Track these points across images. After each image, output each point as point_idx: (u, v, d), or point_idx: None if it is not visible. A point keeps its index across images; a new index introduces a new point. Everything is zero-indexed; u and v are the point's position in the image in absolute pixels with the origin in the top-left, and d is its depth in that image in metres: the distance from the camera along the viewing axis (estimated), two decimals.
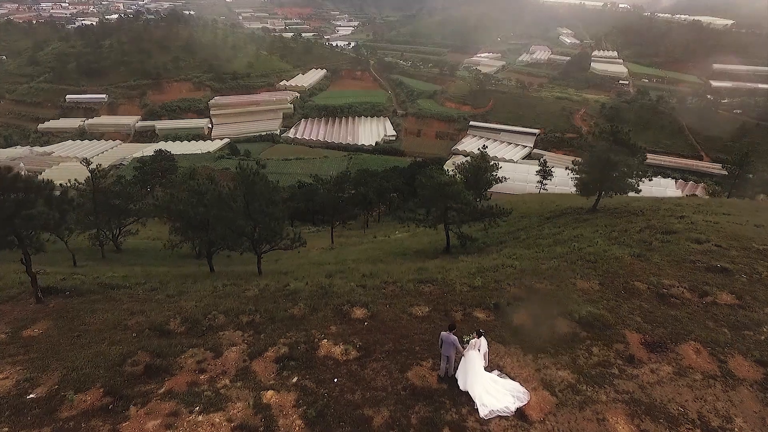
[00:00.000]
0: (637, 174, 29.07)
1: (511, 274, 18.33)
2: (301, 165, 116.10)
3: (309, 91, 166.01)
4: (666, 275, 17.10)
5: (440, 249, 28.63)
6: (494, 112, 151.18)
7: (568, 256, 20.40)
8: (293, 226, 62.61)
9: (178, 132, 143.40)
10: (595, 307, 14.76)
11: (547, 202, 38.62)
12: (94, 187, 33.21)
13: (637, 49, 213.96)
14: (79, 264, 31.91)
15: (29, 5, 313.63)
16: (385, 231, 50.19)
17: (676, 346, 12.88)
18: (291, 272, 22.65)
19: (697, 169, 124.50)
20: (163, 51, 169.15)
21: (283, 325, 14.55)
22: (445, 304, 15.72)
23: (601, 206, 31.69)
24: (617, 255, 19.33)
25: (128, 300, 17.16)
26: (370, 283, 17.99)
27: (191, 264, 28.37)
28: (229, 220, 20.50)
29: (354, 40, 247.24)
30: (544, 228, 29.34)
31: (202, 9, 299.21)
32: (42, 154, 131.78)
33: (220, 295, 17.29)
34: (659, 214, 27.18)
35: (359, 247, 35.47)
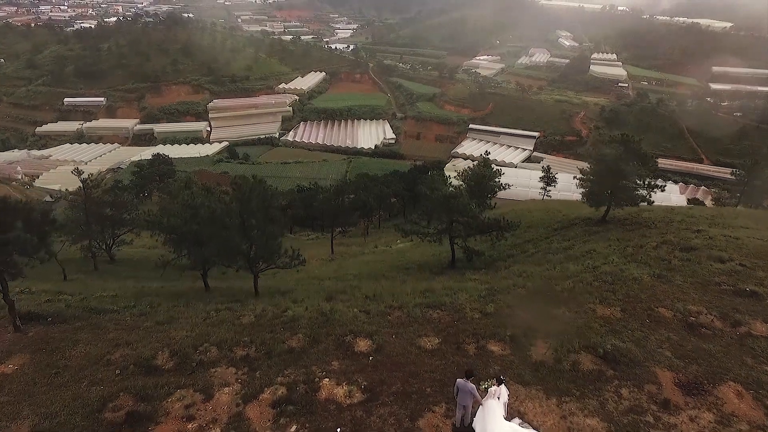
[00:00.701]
0: (649, 185, 27.85)
1: (525, 298, 17.09)
2: (300, 168, 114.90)
3: (308, 94, 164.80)
4: (691, 300, 15.86)
5: (445, 263, 27.38)
6: (494, 115, 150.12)
7: (582, 275, 19.13)
8: (292, 233, 61.41)
9: (177, 135, 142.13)
10: (620, 338, 13.51)
11: (553, 211, 37.38)
12: (86, 197, 31.87)
13: (636, 52, 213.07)
14: (70, 277, 30.64)
15: (28, 8, 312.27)
16: (386, 239, 48.91)
17: (714, 387, 11.62)
18: (289, 292, 21.37)
19: (698, 172, 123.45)
20: (161, 54, 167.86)
21: (280, 360, 13.27)
22: (456, 334, 14.45)
23: (610, 217, 30.47)
24: (636, 275, 18.08)
25: (114, 328, 15.86)
26: (373, 307, 16.72)
27: (186, 277, 27.02)
28: (224, 238, 19.23)
29: (353, 42, 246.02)
30: (552, 241, 28.10)
31: (201, 12, 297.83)
32: (39, 158, 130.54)
33: (213, 322, 16.00)
34: (673, 227, 25.96)
35: (360, 258, 34.19)
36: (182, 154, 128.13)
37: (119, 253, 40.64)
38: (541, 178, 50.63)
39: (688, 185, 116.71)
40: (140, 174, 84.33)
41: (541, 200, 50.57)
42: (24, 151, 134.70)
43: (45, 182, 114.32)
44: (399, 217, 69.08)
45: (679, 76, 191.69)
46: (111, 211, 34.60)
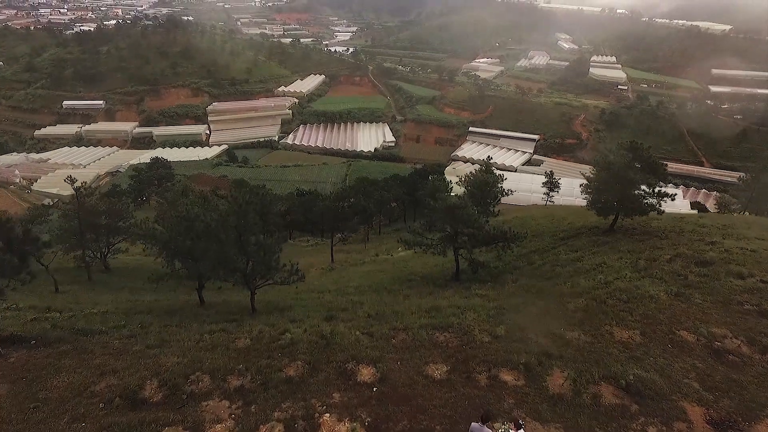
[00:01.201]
0: (658, 194, 26.87)
1: (536, 318, 16.10)
2: (300, 172, 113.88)
3: (308, 97, 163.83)
4: (714, 322, 14.89)
5: (448, 274, 26.38)
6: (493, 118, 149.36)
7: (595, 292, 18.16)
8: (291, 239, 60.37)
9: (176, 138, 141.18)
10: (642, 367, 12.53)
11: (557, 218, 36.40)
12: (80, 206, 30.85)
13: (635, 55, 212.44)
14: (62, 289, 29.60)
15: (28, 11, 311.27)
16: (387, 245, 47.88)
17: (750, 426, 10.65)
18: (287, 309, 20.37)
19: (699, 175, 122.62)
20: (161, 57, 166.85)
21: (278, 391, 12.26)
22: (465, 361, 13.46)
23: (618, 226, 29.49)
24: (652, 293, 17.11)
25: (101, 352, 14.84)
26: (376, 329, 15.73)
27: (181, 288, 26.01)
28: (220, 253, 18.23)
29: (352, 45, 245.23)
30: (560, 252, 27.10)
31: (201, 15, 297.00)
32: (38, 161, 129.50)
33: (206, 346, 14.98)
34: (685, 239, 24.99)
35: (361, 268, 33.17)
36: (181, 157, 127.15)
37: (114, 261, 39.66)
38: (544, 184, 49.63)
39: (689, 188, 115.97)
40: (138, 178, 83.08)
41: (545, 206, 49.61)
42: (22, 154, 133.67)
43: (43, 186, 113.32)
44: (399, 222, 68.13)
45: (678, 79, 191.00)
46: (105, 220, 33.59)
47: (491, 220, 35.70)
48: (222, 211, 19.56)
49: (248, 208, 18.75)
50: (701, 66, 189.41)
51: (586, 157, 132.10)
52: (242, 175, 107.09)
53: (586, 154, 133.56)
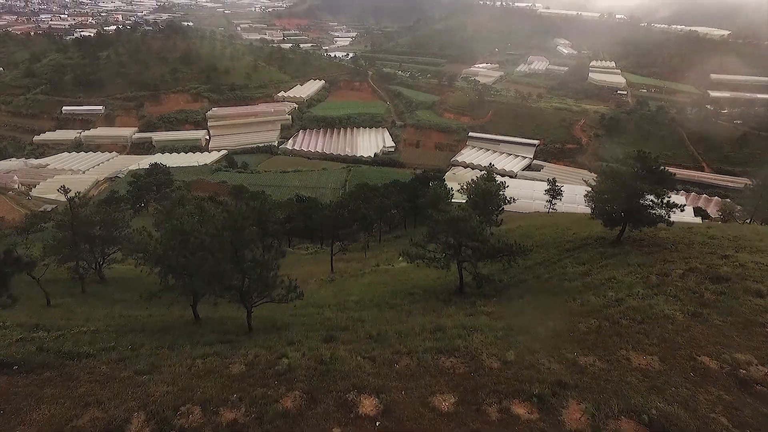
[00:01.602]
0: (667, 205, 26.06)
1: (547, 341, 15.21)
2: (300, 177, 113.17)
3: (307, 102, 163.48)
4: (737, 346, 14.00)
5: (452, 288, 25.49)
6: (493, 123, 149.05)
7: (607, 311, 17.27)
8: (291, 247, 59.47)
9: (175, 144, 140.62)
10: (665, 399, 11.62)
11: (562, 228, 35.55)
12: (73, 217, 29.97)
13: (634, 60, 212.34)
14: (54, 302, 28.72)
15: (28, 17, 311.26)
16: (387, 254, 47.00)
17: None
18: (285, 327, 19.47)
19: (700, 180, 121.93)
20: (160, 62, 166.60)
21: (273, 427, 11.33)
22: (474, 390, 12.56)
23: (625, 237, 28.65)
24: (668, 312, 16.23)
25: (87, 379, 13.93)
26: (378, 353, 14.83)
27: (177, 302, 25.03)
28: (215, 270, 17.36)
29: (352, 50, 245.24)
30: (566, 264, 26.23)
31: (201, 20, 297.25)
32: (37, 167, 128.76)
33: (198, 372, 14.08)
34: (696, 251, 24.13)
35: (361, 280, 32.29)
36: (180, 162, 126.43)
37: (110, 271, 38.76)
38: (546, 191, 48.81)
39: (690, 193, 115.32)
40: (137, 185, 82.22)
41: (547, 213, 48.78)
42: (21, 160, 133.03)
43: (42, 192, 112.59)
44: (399, 229, 67.25)
45: (677, 84, 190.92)
46: (100, 231, 32.71)
47: (494, 230, 34.93)
48: (217, 225, 18.67)
49: (244, 223, 17.88)
50: (700, 71, 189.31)
51: (586, 162, 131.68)
52: (242, 180, 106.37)
53: (586, 159, 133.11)
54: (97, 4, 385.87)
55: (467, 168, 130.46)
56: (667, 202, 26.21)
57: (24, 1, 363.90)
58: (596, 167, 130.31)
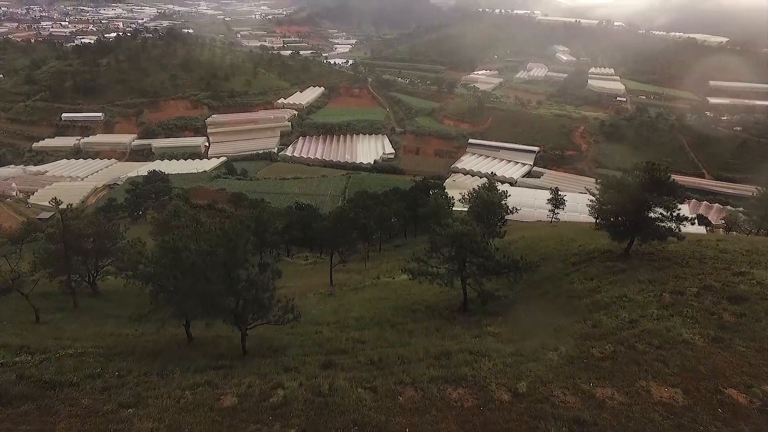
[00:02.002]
0: (678, 218, 25.11)
1: (560, 369, 14.21)
2: (299, 184, 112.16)
3: (307, 109, 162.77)
4: (764, 377, 13.02)
5: (455, 304, 24.48)
6: (493, 130, 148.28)
7: (621, 334, 16.30)
8: (290, 256, 58.51)
9: (175, 151, 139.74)
10: None
11: (567, 240, 34.58)
12: (64, 230, 28.98)
13: (633, 66, 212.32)
14: (43, 319, 27.62)
15: (29, 24, 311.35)
16: (388, 265, 46.00)
17: None
18: (282, 349, 18.45)
19: (700, 186, 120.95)
20: (160, 69, 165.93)
21: None
22: (484, 427, 11.55)
23: (633, 249, 27.67)
24: (686, 337, 15.26)
25: (67, 414, 12.90)
26: (380, 382, 13.81)
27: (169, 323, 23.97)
28: (206, 292, 16.37)
29: (352, 57, 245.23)
30: (573, 279, 25.23)
31: (201, 28, 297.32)
32: (35, 174, 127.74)
33: (187, 405, 13.04)
34: (708, 266, 23.15)
35: (362, 294, 31.28)
36: (179, 169, 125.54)
37: (104, 283, 37.71)
38: (549, 200, 47.91)
39: (690, 200, 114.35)
40: (135, 192, 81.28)
41: (550, 223, 47.86)
42: (20, 167, 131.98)
43: (40, 199, 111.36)
44: (400, 237, 66.27)
45: (676, 90, 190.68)
46: (92, 243, 31.70)
47: (498, 241, 33.94)
48: (211, 243, 17.68)
49: (239, 241, 16.91)
50: (699, 78, 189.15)
51: (586, 169, 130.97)
52: (241, 187, 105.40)
53: (586, 166, 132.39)
54: (98, 11, 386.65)
55: (467, 175, 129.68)
56: (677, 215, 25.26)
57: (25, 9, 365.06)
58: (597, 174, 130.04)
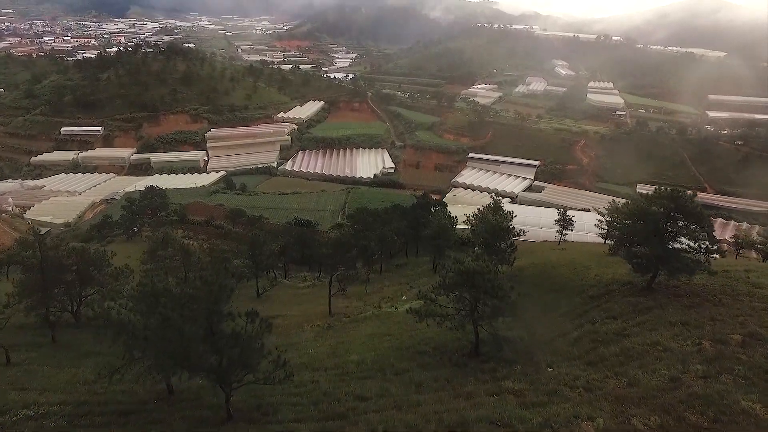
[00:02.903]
0: (707, 250, 22.88)
1: None
2: (298, 200, 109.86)
3: (307, 123, 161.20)
4: None
5: (465, 345, 22.06)
6: (493, 144, 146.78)
7: (664, 398, 13.91)
8: (287, 277, 56.04)
9: (174, 165, 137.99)
10: None
11: (580, 267, 32.23)
12: (42, 260, 26.62)
13: (631, 81, 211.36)
14: (15, 359, 25.06)
15: (32, 39, 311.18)
16: (390, 289, 43.67)
17: None
18: (273, 409, 16.03)
19: (703, 201, 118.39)
20: (160, 84, 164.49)
21: None
22: None
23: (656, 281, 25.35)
24: (745, 406, 12.87)
25: None
26: None
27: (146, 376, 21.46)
28: (183, 349, 14.00)
29: (352, 72, 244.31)
30: (595, 318, 22.83)
31: (202, 42, 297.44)
32: (32, 188, 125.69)
33: None
34: (745, 305, 20.84)
35: (363, 328, 28.81)
36: (178, 184, 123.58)
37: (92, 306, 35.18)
38: (556, 221, 45.68)
39: None
40: (130, 209, 78.91)
41: (558, 245, 45.56)
42: (17, 181, 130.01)
43: (37, 214, 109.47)
44: (401, 256, 63.88)
45: (675, 104, 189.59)
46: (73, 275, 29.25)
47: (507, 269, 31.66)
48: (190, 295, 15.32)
49: (221, 294, 14.56)
50: (697, 91, 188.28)
51: (587, 183, 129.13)
52: (239, 202, 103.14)
53: (587, 180, 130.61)
54: (101, 26, 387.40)
55: (467, 189, 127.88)
56: (706, 247, 23.00)
57: (29, 24, 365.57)
58: (598, 188, 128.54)
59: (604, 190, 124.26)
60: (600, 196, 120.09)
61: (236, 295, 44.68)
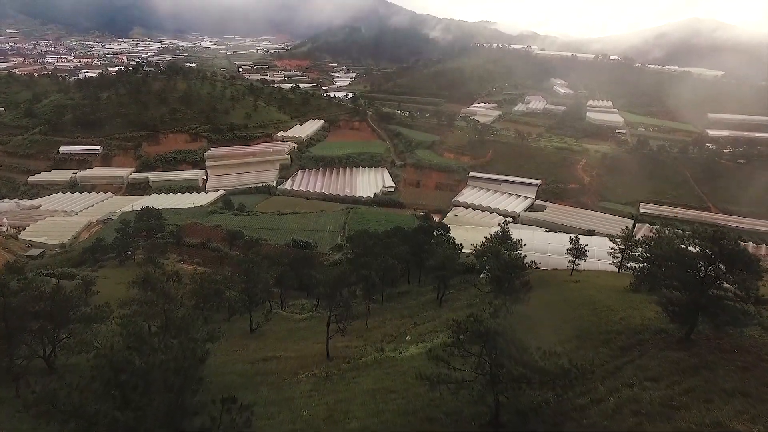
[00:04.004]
0: (757, 300, 19.82)
1: None
2: (297, 220, 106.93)
3: (307, 142, 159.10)
4: None
5: (483, 412, 18.83)
6: (494, 163, 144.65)
7: None
8: (284, 307, 52.71)
9: (172, 184, 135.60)
10: None
11: (601, 307, 29.00)
12: (5, 309, 23.46)
13: (630, 99, 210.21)
14: None
15: (35, 59, 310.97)
16: (392, 324, 40.51)
17: None
18: None
19: (707, 220, 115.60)
20: (160, 103, 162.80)
21: None
22: None
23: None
24: None
25: None
26: None
27: None
28: None
29: (352, 90, 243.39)
30: (631, 379, 19.46)
31: (204, 62, 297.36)
32: (29, 208, 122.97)
33: None
34: None
35: (363, 380, 25.48)
36: (176, 203, 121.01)
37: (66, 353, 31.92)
38: (568, 251, 42.63)
39: None
40: (124, 231, 75.88)
41: (570, 275, 42.39)
42: (13, 201, 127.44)
43: (31, 234, 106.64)
44: (402, 282, 60.68)
45: (675, 123, 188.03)
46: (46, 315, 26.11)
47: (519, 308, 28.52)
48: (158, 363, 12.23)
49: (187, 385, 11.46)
50: (696, 110, 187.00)
51: (589, 203, 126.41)
52: (237, 223, 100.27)
53: (589, 200, 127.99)
54: (104, 46, 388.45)
55: (469, 208, 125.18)
56: (756, 296, 19.92)
57: (33, 44, 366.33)
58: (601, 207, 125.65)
59: (607, 210, 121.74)
60: (603, 215, 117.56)
61: (229, 329, 41.66)
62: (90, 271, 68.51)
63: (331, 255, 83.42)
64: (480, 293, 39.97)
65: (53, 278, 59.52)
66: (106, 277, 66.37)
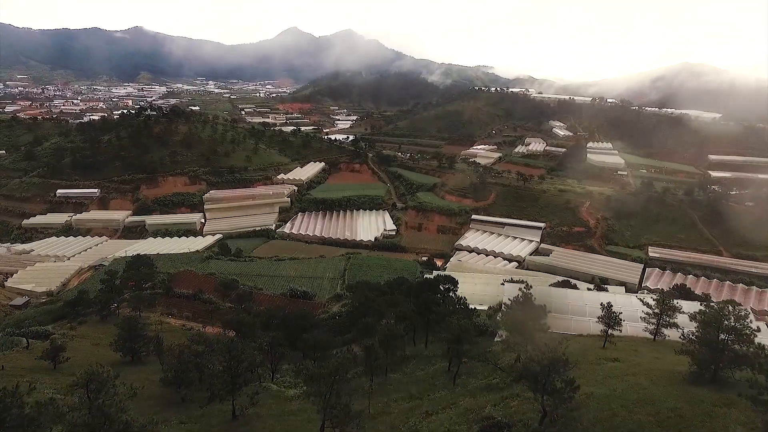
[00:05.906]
0: None
1: None
2: (295, 266, 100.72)
3: (307, 185, 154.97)
4: None
5: None
6: (496, 206, 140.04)
7: None
8: (274, 378, 45.98)
9: (169, 227, 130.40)
10: None
11: (665, 411, 22.54)
12: None
13: (630, 141, 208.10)
14: None
15: (42, 102, 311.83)
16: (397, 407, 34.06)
17: None
18: None
19: (719, 265, 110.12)
20: (161, 146, 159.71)
21: None
22: None
23: None
24: None
25: None
26: None
27: None
28: None
29: (352, 133, 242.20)
30: None
31: (207, 105, 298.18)
32: (20, 253, 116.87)
33: None
34: None
35: None
36: (172, 247, 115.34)
37: None
38: (600, 318, 36.55)
39: (711, 280, 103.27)
40: (109, 283, 69.55)
41: (604, 348, 36.12)
42: (5, 245, 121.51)
43: (19, 281, 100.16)
44: (407, 344, 54.04)
45: (675, 164, 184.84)
46: None
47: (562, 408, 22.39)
48: None
49: None
50: (697, 152, 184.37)
51: (596, 246, 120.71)
52: (233, 269, 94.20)
53: (595, 243, 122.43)
54: (110, 90, 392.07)
55: (472, 252, 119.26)
56: None
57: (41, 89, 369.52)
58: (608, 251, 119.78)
59: (614, 254, 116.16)
60: (611, 259, 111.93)
61: (207, 414, 35.04)
62: (68, 328, 61.72)
63: (330, 305, 77.06)
64: (498, 370, 33.76)
65: (24, 338, 53.31)
66: (83, 337, 59.51)
